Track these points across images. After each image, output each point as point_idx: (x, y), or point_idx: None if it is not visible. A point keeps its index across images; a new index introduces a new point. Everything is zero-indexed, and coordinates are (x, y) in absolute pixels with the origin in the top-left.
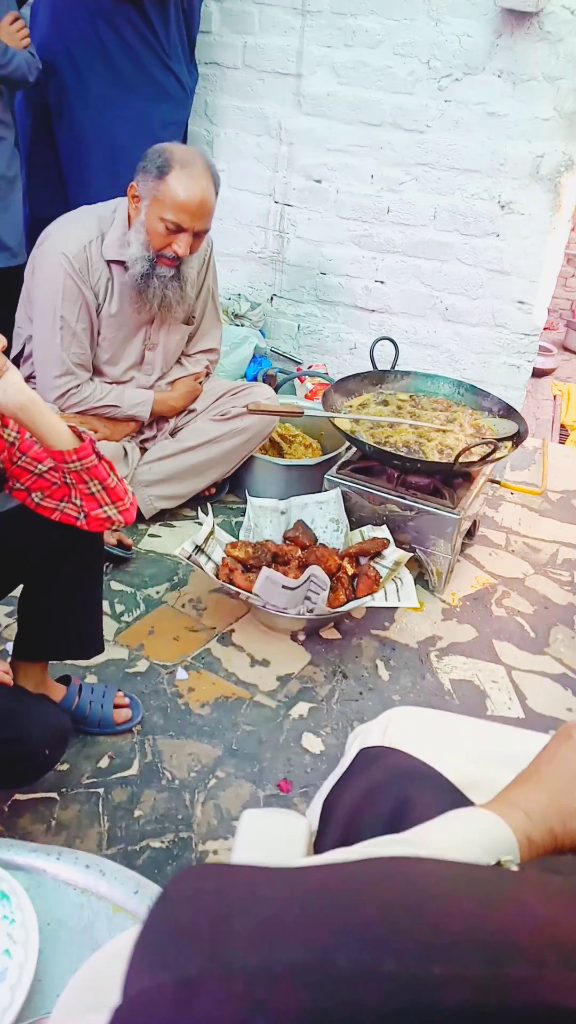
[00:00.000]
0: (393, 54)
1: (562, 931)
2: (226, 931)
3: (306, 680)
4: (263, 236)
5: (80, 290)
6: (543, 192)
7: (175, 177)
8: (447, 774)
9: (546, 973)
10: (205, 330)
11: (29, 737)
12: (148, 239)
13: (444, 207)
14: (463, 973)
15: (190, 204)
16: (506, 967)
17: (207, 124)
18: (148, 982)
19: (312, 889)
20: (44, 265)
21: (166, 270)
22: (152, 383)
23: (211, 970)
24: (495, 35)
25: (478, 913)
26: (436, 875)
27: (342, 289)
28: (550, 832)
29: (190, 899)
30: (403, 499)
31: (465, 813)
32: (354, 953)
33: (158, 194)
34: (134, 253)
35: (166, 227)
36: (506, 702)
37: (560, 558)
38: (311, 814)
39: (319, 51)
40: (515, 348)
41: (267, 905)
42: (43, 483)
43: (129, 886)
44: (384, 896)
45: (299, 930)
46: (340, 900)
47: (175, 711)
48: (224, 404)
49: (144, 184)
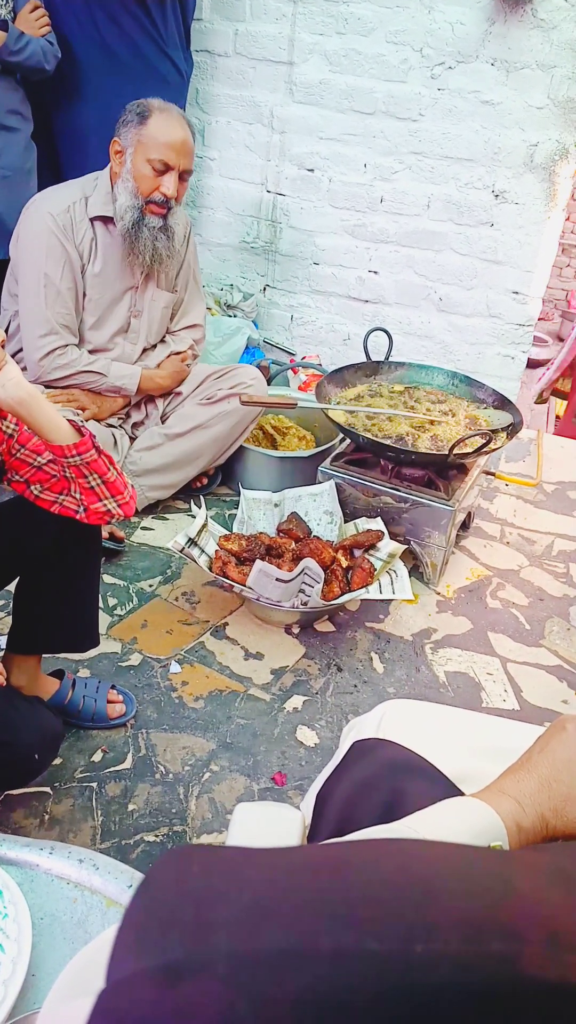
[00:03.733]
0: (386, 42)
1: (546, 909)
2: (209, 915)
3: (300, 673)
4: (255, 226)
5: (64, 248)
6: (537, 181)
7: (156, 120)
8: (441, 767)
9: (528, 950)
10: (188, 306)
11: (19, 741)
12: (136, 185)
13: (438, 196)
14: (444, 951)
15: (174, 142)
16: (488, 944)
17: (199, 112)
18: (132, 967)
19: (296, 872)
20: (28, 225)
21: (155, 220)
22: (138, 354)
23: (195, 954)
24: (488, 23)
25: (461, 891)
26: (422, 855)
27: (335, 279)
28: (541, 819)
29: (174, 883)
30: (397, 491)
31: (454, 802)
32: (338, 935)
33: (142, 137)
34: (123, 203)
35: (153, 168)
36: (501, 694)
37: (555, 550)
38: (305, 807)
39: (311, 39)
40: (510, 338)
41: (251, 888)
42: (42, 476)
43: (123, 880)
44: (368, 877)
45: (282, 914)
46: (324, 882)
47: (169, 705)
48: (209, 387)
49: (126, 134)
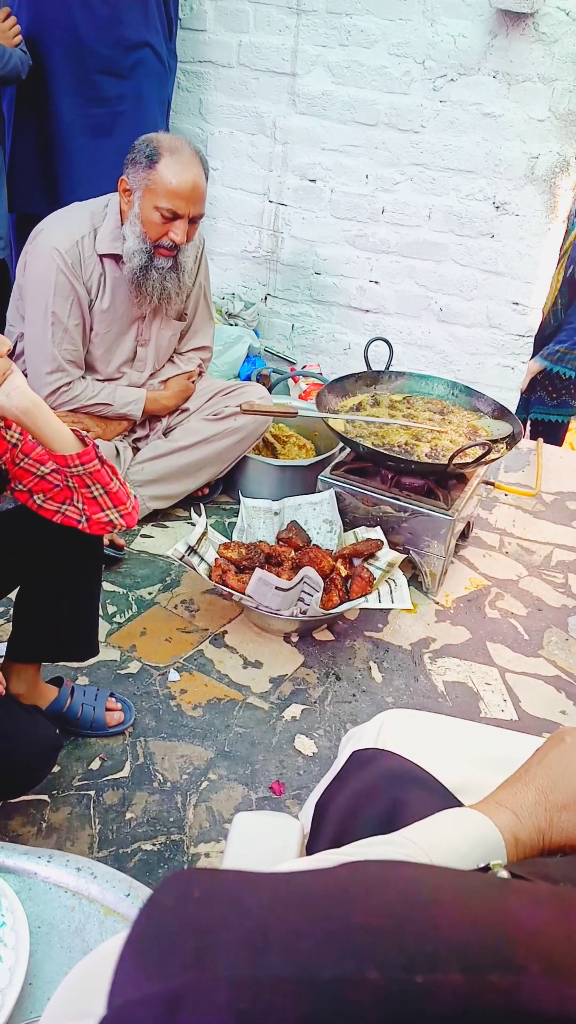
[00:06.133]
0: (388, 54)
1: (546, 939)
2: (211, 941)
3: (299, 682)
4: (257, 235)
5: (72, 285)
6: (538, 193)
7: (165, 164)
8: (440, 777)
9: (527, 981)
10: (197, 328)
11: (18, 752)
12: (144, 230)
13: (439, 208)
14: (444, 981)
15: (183, 189)
16: (487, 974)
17: (201, 123)
18: (133, 992)
19: (298, 898)
20: (36, 261)
21: (164, 261)
22: (144, 380)
23: (195, 981)
24: (490, 36)
25: (462, 921)
26: (423, 882)
27: (336, 289)
28: (538, 831)
29: (175, 908)
30: (397, 500)
31: (452, 813)
32: (338, 963)
33: (150, 183)
34: (131, 247)
35: (161, 215)
36: (499, 704)
37: (554, 560)
38: (304, 817)
39: (314, 50)
40: (509, 349)
41: (252, 915)
42: (45, 485)
43: (120, 889)
44: (369, 904)
45: (283, 941)
46: (325, 909)
47: (167, 713)
48: (217, 404)
49: (134, 176)
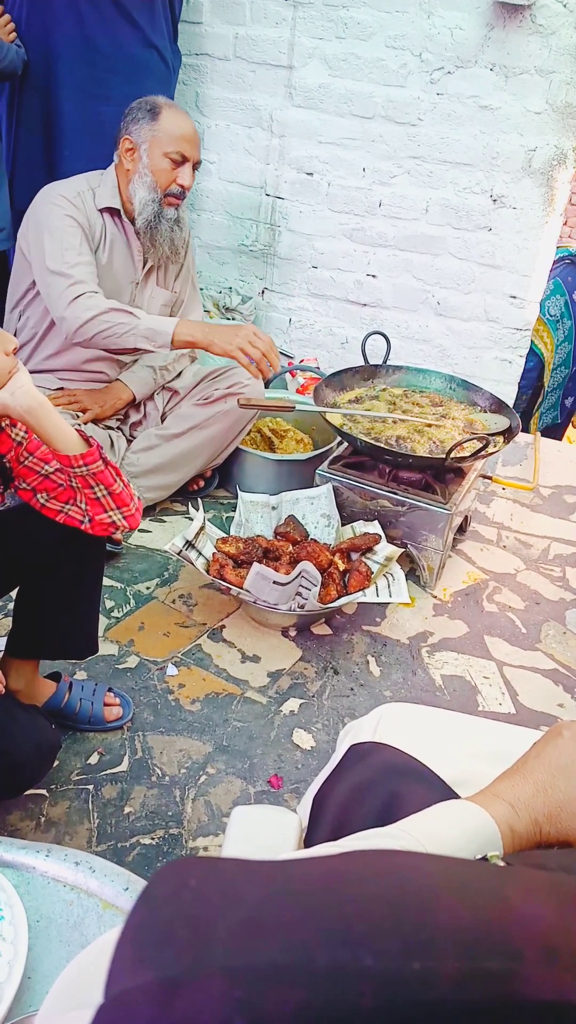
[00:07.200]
0: (385, 46)
1: (542, 926)
2: (207, 931)
3: (297, 676)
4: (254, 229)
5: (79, 224)
6: (535, 186)
7: (167, 115)
8: (438, 770)
9: (522, 968)
10: (187, 308)
11: (15, 752)
12: (155, 180)
13: (436, 201)
14: (441, 968)
15: (188, 134)
16: (482, 961)
17: (198, 115)
18: (129, 982)
19: (294, 886)
20: (43, 206)
21: (172, 211)
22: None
23: (192, 970)
24: (487, 28)
25: (459, 908)
26: (419, 870)
27: (334, 283)
28: (534, 823)
29: (171, 897)
30: (394, 494)
31: (449, 805)
32: (334, 952)
33: (156, 132)
34: (143, 198)
35: (171, 160)
36: (497, 698)
37: (551, 553)
38: (302, 810)
39: (311, 43)
40: (507, 343)
41: (248, 904)
42: (49, 484)
43: (119, 883)
44: (365, 892)
45: (279, 929)
46: (321, 897)
47: (165, 707)
48: (206, 388)
49: (138, 131)
